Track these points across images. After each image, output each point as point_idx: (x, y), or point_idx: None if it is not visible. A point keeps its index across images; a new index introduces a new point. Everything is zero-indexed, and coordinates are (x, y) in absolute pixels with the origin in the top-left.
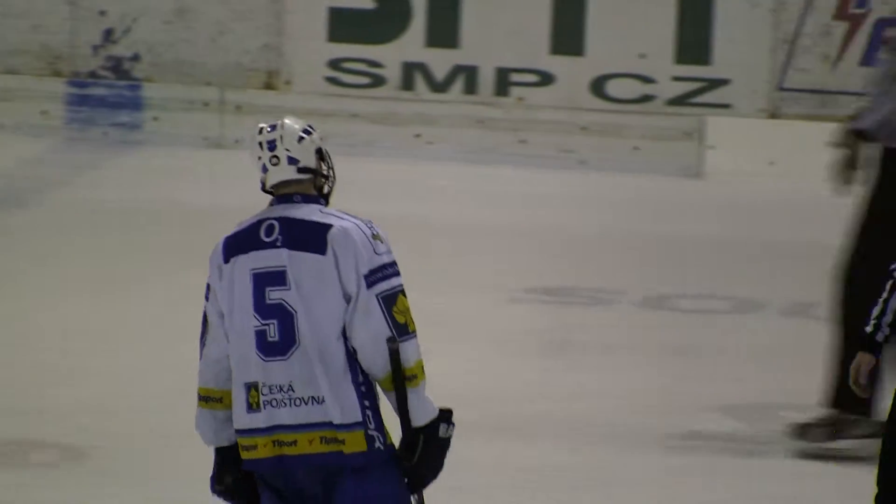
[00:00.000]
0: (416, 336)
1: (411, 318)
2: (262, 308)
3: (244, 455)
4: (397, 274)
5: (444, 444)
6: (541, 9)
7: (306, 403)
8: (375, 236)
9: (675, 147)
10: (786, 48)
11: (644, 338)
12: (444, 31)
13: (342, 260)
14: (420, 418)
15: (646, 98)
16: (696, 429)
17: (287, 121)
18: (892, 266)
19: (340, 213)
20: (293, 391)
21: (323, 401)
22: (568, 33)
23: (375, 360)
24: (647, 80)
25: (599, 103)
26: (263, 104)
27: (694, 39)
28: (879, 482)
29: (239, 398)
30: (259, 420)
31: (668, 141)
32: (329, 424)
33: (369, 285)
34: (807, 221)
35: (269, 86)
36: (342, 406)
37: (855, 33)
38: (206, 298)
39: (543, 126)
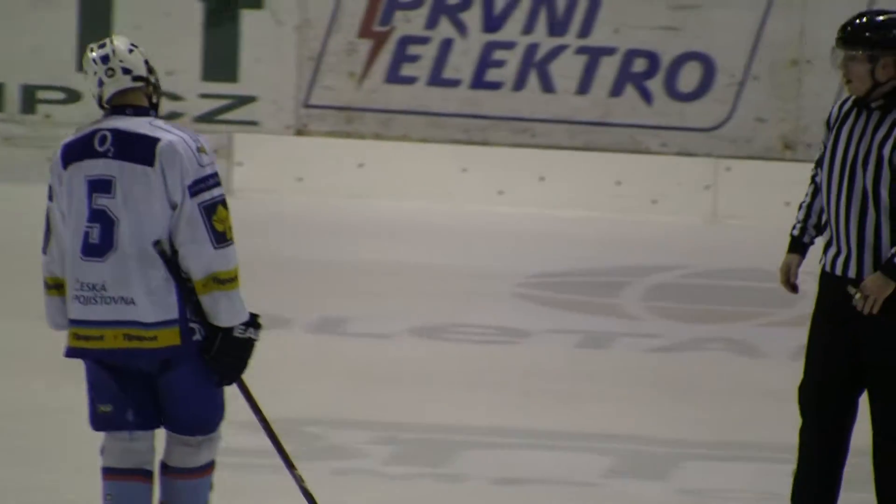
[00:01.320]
0: (233, 243)
1: (230, 227)
2: (91, 212)
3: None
4: (218, 185)
5: (240, 343)
6: (67, 26)
7: (116, 303)
8: (200, 149)
9: None
10: (311, 65)
11: None
12: None
13: (168, 172)
14: (227, 320)
15: (173, 115)
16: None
17: (114, 38)
18: (812, 171)
19: (168, 126)
20: (105, 291)
21: (132, 301)
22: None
23: (190, 264)
24: (174, 97)
25: None
26: None
27: (220, 57)
28: (805, 371)
29: (68, 291)
30: (72, 312)
31: None
32: (136, 323)
33: (192, 194)
34: (332, 237)
35: None
36: (157, 306)
37: (379, 51)
38: (50, 199)
39: None
